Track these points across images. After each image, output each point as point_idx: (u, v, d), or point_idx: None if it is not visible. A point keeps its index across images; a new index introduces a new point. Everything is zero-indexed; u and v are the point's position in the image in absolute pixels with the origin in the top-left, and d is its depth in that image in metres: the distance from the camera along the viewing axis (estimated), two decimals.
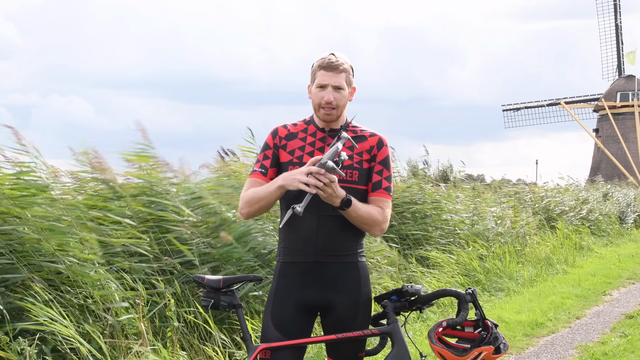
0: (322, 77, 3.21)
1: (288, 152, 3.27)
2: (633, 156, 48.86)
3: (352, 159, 3.23)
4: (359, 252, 3.30)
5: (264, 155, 3.30)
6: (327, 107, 3.20)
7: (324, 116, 3.23)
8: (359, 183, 3.25)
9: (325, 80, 3.20)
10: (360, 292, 3.26)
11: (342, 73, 3.21)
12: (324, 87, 3.21)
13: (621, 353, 6.46)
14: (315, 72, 3.24)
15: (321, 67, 3.21)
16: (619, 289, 10.45)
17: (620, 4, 51.64)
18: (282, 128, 3.33)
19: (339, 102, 3.21)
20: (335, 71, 3.20)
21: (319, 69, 3.22)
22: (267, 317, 3.24)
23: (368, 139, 3.30)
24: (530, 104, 52.90)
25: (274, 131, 3.33)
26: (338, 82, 3.20)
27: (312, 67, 3.28)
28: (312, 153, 3.23)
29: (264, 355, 3.18)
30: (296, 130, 3.31)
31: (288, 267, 3.25)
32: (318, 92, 3.22)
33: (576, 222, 16.81)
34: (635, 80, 50.78)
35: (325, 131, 3.28)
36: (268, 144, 3.31)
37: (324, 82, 3.20)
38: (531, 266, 11.44)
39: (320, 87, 3.21)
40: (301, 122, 3.35)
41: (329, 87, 3.20)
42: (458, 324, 3.13)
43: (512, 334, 7.22)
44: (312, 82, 3.27)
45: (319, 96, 3.21)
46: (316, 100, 3.23)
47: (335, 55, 3.23)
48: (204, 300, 3.27)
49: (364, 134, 3.31)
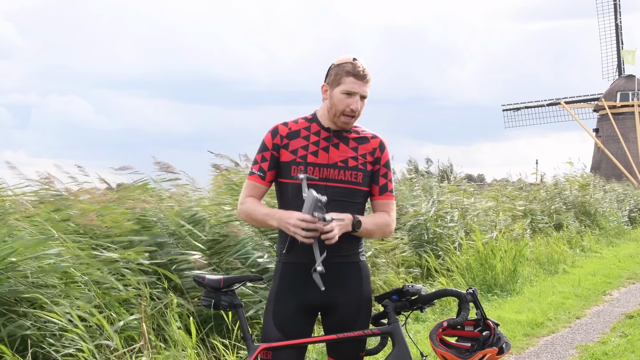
0: (352, 85, 3.17)
1: (291, 152, 3.24)
2: (633, 156, 48.86)
3: (357, 160, 3.23)
4: (359, 252, 3.30)
5: (262, 157, 3.27)
6: (350, 114, 3.19)
7: (344, 124, 3.22)
8: (362, 184, 3.25)
9: (355, 88, 3.17)
10: (362, 291, 3.26)
11: (369, 82, 3.22)
12: (351, 95, 3.18)
13: (621, 353, 6.46)
14: (343, 78, 3.18)
15: (351, 74, 3.17)
16: (619, 289, 10.45)
17: (620, 3, 51.66)
18: (283, 126, 3.28)
19: (360, 110, 3.22)
20: (364, 80, 3.19)
21: (348, 76, 3.17)
22: (268, 317, 3.24)
23: (370, 140, 3.30)
24: (530, 104, 52.89)
25: (273, 130, 3.28)
26: (365, 92, 3.20)
27: (335, 69, 3.21)
28: (317, 153, 3.22)
29: (265, 355, 3.18)
30: (298, 128, 3.28)
31: (289, 267, 3.25)
32: (344, 98, 3.18)
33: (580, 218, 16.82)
34: (635, 80, 50.77)
35: (330, 131, 3.27)
36: (266, 144, 3.27)
37: (354, 90, 3.17)
38: (530, 266, 11.44)
39: (347, 94, 3.18)
40: (302, 120, 3.31)
41: (357, 96, 3.18)
42: (459, 324, 3.13)
43: (512, 334, 7.22)
44: (335, 85, 3.20)
45: (345, 103, 3.18)
46: (341, 106, 3.18)
47: (359, 62, 3.20)
48: (204, 300, 3.27)
49: (366, 135, 3.31)
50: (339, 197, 3.20)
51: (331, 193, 3.18)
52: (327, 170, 3.21)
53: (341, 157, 3.23)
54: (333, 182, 3.20)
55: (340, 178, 3.21)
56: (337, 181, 3.20)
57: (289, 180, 3.23)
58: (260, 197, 3.31)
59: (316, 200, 3.00)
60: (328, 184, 3.20)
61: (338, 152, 3.23)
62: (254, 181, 3.28)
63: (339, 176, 3.21)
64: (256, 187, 3.28)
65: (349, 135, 3.27)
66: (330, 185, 3.20)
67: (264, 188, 3.30)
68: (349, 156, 3.24)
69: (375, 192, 3.31)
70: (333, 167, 3.21)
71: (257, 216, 3.24)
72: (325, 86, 3.25)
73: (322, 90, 3.27)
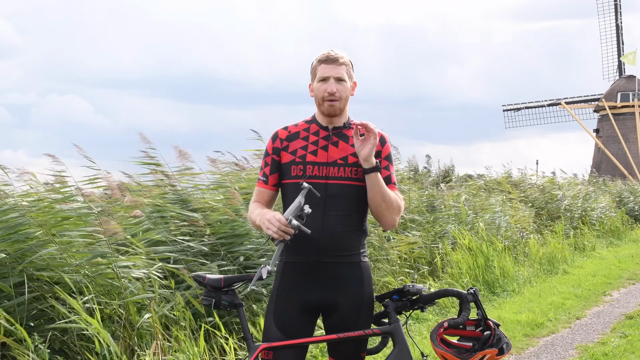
0: (323, 71, 3.23)
1: (290, 153, 3.27)
2: (633, 156, 48.82)
3: (357, 157, 3.23)
4: (361, 252, 3.30)
5: (264, 163, 3.35)
6: (330, 98, 3.21)
7: (328, 108, 3.23)
8: (364, 180, 3.24)
9: (327, 72, 3.22)
10: (363, 292, 3.26)
11: (343, 65, 3.24)
12: (325, 80, 3.22)
13: (621, 353, 6.45)
14: (316, 68, 3.26)
15: (321, 61, 3.24)
16: (619, 290, 10.45)
17: (621, 3, 51.57)
18: (283, 130, 3.34)
19: (341, 93, 3.22)
20: (335, 63, 3.22)
21: (319, 64, 3.25)
22: (269, 317, 3.24)
23: None
24: (530, 104, 52.83)
25: (274, 135, 3.35)
26: (339, 73, 3.22)
27: (312, 65, 3.29)
28: (316, 152, 3.23)
29: (266, 354, 3.18)
30: (297, 130, 3.32)
31: (290, 266, 3.25)
32: (320, 85, 3.23)
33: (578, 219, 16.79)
34: (635, 80, 50.71)
35: (329, 129, 3.28)
36: (267, 150, 3.35)
37: (326, 75, 3.22)
38: (530, 266, 11.44)
39: (322, 81, 3.23)
40: (302, 122, 3.35)
41: (330, 79, 3.21)
42: (460, 324, 3.13)
43: (512, 334, 7.22)
44: (313, 79, 3.28)
45: (322, 89, 3.22)
46: (319, 93, 3.23)
47: (334, 50, 3.26)
48: (205, 299, 3.27)
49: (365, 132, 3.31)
50: (340, 194, 3.20)
51: (332, 191, 3.19)
52: (326, 168, 3.22)
53: (341, 154, 3.24)
54: (333, 179, 3.21)
55: (340, 175, 3.21)
56: (337, 178, 3.21)
57: (289, 180, 3.25)
58: (266, 202, 3.34)
59: (299, 207, 3.00)
60: (329, 181, 3.21)
61: (337, 150, 3.24)
62: (259, 187, 3.37)
63: (339, 173, 3.21)
64: (261, 192, 3.35)
65: (349, 132, 3.28)
66: (330, 182, 3.20)
67: (269, 192, 3.34)
68: (349, 153, 3.24)
69: None
70: (333, 165, 3.22)
71: (253, 218, 3.30)
72: (310, 85, 3.31)
73: (309, 89, 3.31)
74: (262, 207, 3.30)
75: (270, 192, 3.35)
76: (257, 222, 3.23)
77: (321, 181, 3.20)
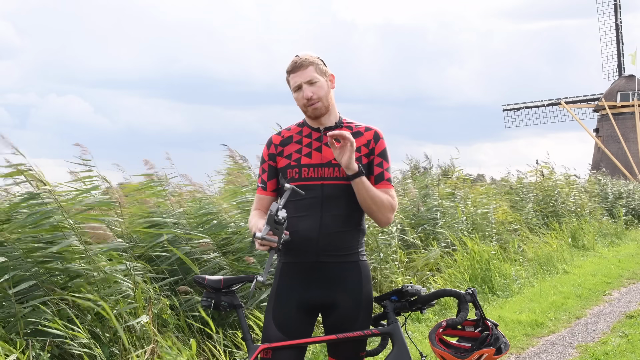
0: (293, 80, 3.27)
1: (285, 157, 3.30)
2: (633, 156, 48.83)
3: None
4: (360, 252, 3.31)
5: (262, 169, 3.39)
6: (310, 103, 3.24)
7: (313, 111, 3.25)
8: None
9: (297, 80, 3.25)
10: (362, 291, 3.27)
11: (309, 67, 3.25)
12: (299, 88, 3.25)
13: (621, 353, 6.46)
14: (288, 80, 3.31)
15: (289, 72, 3.29)
16: (619, 289, 10.45)
17: (621, 3, 51.60)
18: (276, 136, 3.37)
19: (318, 93, 3.23)
20: (301, 69, 3.25)
21: (288, 75, 3.30)
22: (269, 317, 3.25)
23: (364, 133, 3.31)
24: (530, 104, 52.87)
25: (268, 142, 3.38)
26: (308, 76, 3.24)
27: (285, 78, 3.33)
28: (310, 154, 3.25)
29: (265, 355, 3.19)
30: (290, 134, 3.35)
31: (289, 267, 3.26)
32: (297, 95, 3.28)
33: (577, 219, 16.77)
34: (635, 80, 50.73)
35: (320, 130, 3.30)
36: (263, 157, 3.38)
37: (297, 83, 3.26)
38: (530, 266, 11.44)
39: (297, 90, 3.27)
40: (294, 126, 3.38)
41: (303, 86, 3.24)
42: (458, 324, 3.14)
43: (512, 334, 7.23)
44: (290, 89, 3.32)
45: (300, 98, 3.26)
46: (299, 102, 3.28)
47: (297, 56, 3.29)
48: (204, 300, 3.28)
49: (359, 130, 3.32)
50: (336, 194, 3.21)
51: (329, 191, 3.20)
52: (321, 169, 3.23)
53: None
54: (329, 180, 3.22)
55: (335, 175, 3.22)
56: (332, 179, 3.22)
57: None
58: (265, 208, 3.36)
59: (271, 214, 2.98)
60: (325, 182, 3.22)
61: (331, 150, 3.24)
62: (258, 194, 3.41)
63: (334, 174, 3.23)
64: (260, 198, 3.39)
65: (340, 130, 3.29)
66: (326, 183, 3.22)
67: (268, 198, 3.37)
68: None
69: (371, 181, 3.25)
70: (327, 166, 3.23)
71: (250, 224, 3.31)
72: None
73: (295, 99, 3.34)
74: (260, 215, 3.31)
75: (270, 198, 3.38)
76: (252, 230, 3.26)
77: (317, 182, 3.21)
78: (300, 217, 3.17)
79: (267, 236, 2.96)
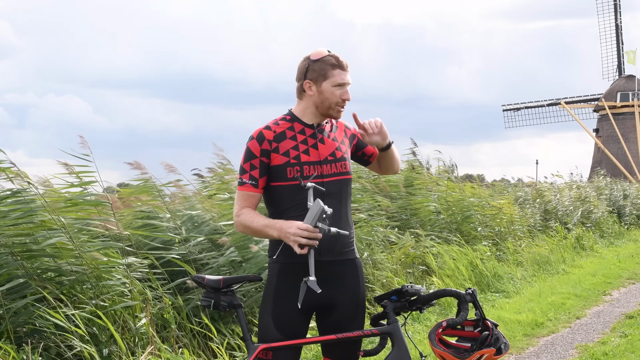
0: (340, 77, 3.23)
1: (282, 154, 3.21)
2: (633, 156, 48.82)
3: (341, 150, 3.31)
4: (353, 248, 3.33)
5: (250, 165, 3.22)
6: (343, 104, 3.26)
7: (338, 113, 3.28)
8: (350, 172, 3.34)
9: (344, 79, 3.25)
10: (359, 290, 3.29)
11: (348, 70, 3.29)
12: (342, 86, 3.24)
13: (621, 353, 6.45)
14: (329, 71, 3.21)
15: (337, 66, 3.23)
16: (619, 289, 10.44)
17: (621, 3, 51.59)
18: (267, 130, 3.24)
19: None
20: (347, 70, 3.27)
21: (334, 68, 3.22)
22: (268, 318, 3.23)
23: (338, 125, 3.39)
24: (530, 104, 52.87)
25: (258, 136, 3.22)
26: (350, 80, 3.28)
27: (317, 64, 3.21)
28: (308, 151, 3.24)
29: (265, 355, 3.18)
30: (282, 130, 3.26)
31: (288, 267, 3.24)
32: (335, 90, 3.22)
33: (576, 222, 16.76)
34: (635, 80, 50.73)
35: (314, 127, 3.29)
36: (253, 152, 3.22)
37: (344, 81, 3.24)
38: (529, 266, 11.44)
39: (339, 86, 3.23)
40: (282, 121, 3.29)
41: (346, 86, 3.25)
42: (458, 324, 3.13)
43: (512, 334, 7.22)
44: (322, 79, 3.21)
45: (337, 94, 3.23)
46: (333, 98, 3.22)
47: (334, 54, 3.27)
48: (204, 300, 3.27)
49: (332, 123, 3.38)
50: (334, 190, 3.22)
51: (328, 188, 3.20)
52: (320, 167, 3.23)
53: (329, 150, 3.27)
54: (328, 177, 3.23)
55: (333, 172, 3.24)
56: (330, 175, 3.24)
57: (284, 183, 3.21)
58: (255, 206, 3.27)
59: (322, 211, 2.99)
60: (324, 179, 3.22)
61: (325, 147, 3.27)
62: (247, 191, 3.23)
63: (331, 170, 3.24)
64: (250, 196, 3.24)
65: (325, 127, 3.33)
66: (326, 181, 3.22)
67: (258, 196, 3.26)
68: (335, 148, 3.29)
69: (370, 150, 3.48)
70: (325, 163, 3.24)
71: (256, 227, 3.21)
72: (309, 82, 3.24)
73: (306, 87, 3.24)
74: (256, 214, 3.24)
75: (259, 196, 3.26)
76: (269, 233, 3.17)
77: (318, 180, 3.21)
78: (300, 216, 3.15)
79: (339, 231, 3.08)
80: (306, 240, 3.02)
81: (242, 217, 3.24)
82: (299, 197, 3.16)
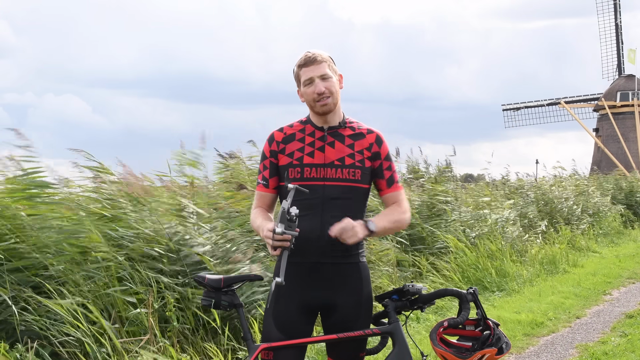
0: (305, 74, 3.23)
1: (287, 155, 3.25)
2: (633, 156, 48.80)
3: (354, 158, 3.23)
4: (360, 252, 3.30)
5: (263, 166, 3.34)
6: (321, 98, 3.21)
7: (322, 108, 3.22)
8: (362, 182, 3.25)
9: (309, 74, 3.22)
10: (362, 292, 3.26)
11: (323, 63, 3.24)
12: (311, 82, 3.22)
13: (621, 352, 6.46)
14: (298, 74, 3.26)
15: (301, 65, 3.25)
16: (619, 289, 10.45)
17: (620, 2, 51.55)
18: (278, 132, 3.32)
19: (330, 88, 3.22)
20: (314, 63, 3.22)
21: (300, 69, 3.25)
22: (269, 317, 3.24)
23: (366, 136, 3.31)
24: (530, 104, 52.83)
25: (269, 138, 3.33)
26: (322, 71, 3.22)
27: (294, 72, 3.29)
28: (312, 153, 3.23)
29: (266, 355, 3.18)
30: (293, 132, 3.30)
31: (290, 267, 3.23)
32: (307, 89, 3.23)
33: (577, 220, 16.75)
34: (635, 79, 50.70)
35: (324, 129, 3.28)
36: (265, 153, 3.33)
37: (309, 77, 3.22)
38: (530, 265, 11.43)
39: (308, 84, 3.22)
40: (297, 123, 3.34)
41: (315, 80, 3.21)
42: (459, 323, 3.13)
43: (512, 333, 7.22)
44: (299, 83, 3.28)
45: (310, 92, 3.22)
46: (309, 97, 3.23)
47: (310, 51, 3.26)
48: (204, 300, 3.27)
49: (361, 131, 3.31)
50: (338, 196, 3.20)
51: (330, 192, 3.19)
52: (324, 170, 3.21)
53: (337, 155, 3.24)
54: (331, 181, 3.21)
55: (338, 177, 3.21)
56: (334, 180, 3.21)
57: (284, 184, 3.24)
58: (267, 206, 3.35)
59: (284, 212, 2.97)
60: (326, 183, 3.20)
61: (334, 151, 3.24)
62: (259, 191, 3.37)
63: (336, 175, 3.21)
64: (262, 196, 3.35)
65: (344, 132, 3.28)
66: (328, 184, 3.20)
67: (270, 196, 3.34)
68: (346, 154, 3.24)
69: (383, 186, 3.32)
70: (330, 167, 3.22)
71: (254, 227, 3.31)
72: (298, 90, 3.31)
73: (299, 95, 3.31)
74: (263, 213, 3.31)
75: (272, 196, 3.35)
76: (258, 231, 3.26)
77: (319, 183, 3.19)
78: (301, 217, 3.15)
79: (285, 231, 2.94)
80: (272, 244, 3.01)
81: (250, 216, 3.38)
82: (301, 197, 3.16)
